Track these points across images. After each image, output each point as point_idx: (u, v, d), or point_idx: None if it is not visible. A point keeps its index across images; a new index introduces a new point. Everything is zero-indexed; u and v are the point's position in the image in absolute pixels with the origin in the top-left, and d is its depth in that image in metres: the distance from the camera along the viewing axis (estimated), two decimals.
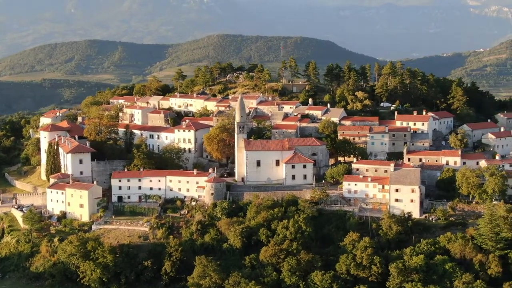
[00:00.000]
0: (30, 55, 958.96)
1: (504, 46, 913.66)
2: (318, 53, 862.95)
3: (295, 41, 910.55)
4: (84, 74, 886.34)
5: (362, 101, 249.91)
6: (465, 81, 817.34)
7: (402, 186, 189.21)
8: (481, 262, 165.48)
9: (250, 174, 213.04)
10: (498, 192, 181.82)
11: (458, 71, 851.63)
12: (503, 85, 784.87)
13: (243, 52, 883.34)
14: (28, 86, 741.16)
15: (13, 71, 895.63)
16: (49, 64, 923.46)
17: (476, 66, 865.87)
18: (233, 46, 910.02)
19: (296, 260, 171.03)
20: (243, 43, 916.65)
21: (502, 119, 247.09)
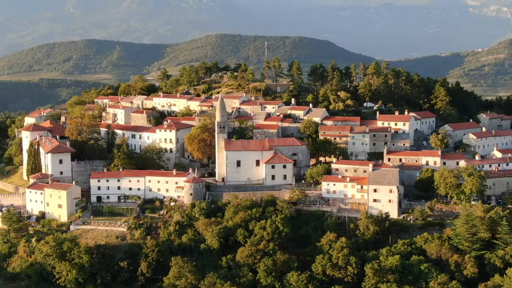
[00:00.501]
0: (28, 54, 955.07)
1: (502, 46, 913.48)
2: (316, 53, 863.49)
3: (293, 41, 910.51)
4: (82, 74, 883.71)
5: (344, 101, 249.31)
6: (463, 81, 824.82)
7: (380, 186, 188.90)
8: (457, 263, 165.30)
9: (230, 174, 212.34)
10: (476, 192, 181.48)
11: (456, 71, 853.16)
12: (501, 85, 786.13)
13: (241, 51, 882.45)
14: (25, 85, 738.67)
15: (11, 71, 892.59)
16: (47, 63, 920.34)
17: (474, 66, 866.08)
18: (231, 46, 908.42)
19: (272, 260, 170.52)
20: (241, 42, 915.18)
21: (485, 119, 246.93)
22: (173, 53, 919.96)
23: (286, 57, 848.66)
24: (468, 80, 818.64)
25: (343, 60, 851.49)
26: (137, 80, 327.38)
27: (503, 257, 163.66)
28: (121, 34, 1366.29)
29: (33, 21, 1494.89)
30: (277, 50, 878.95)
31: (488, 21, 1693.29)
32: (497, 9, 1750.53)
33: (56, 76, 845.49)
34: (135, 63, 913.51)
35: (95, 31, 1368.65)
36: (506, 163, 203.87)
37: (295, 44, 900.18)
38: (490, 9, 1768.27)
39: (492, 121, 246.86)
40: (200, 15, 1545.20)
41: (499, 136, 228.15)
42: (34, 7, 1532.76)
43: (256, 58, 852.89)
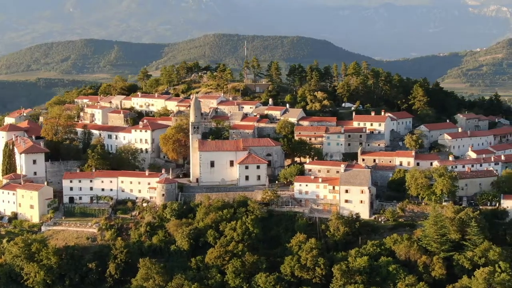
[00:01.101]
0: (26, 54, 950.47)
1: (500, 45, 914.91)
2: (314, 52, 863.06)
3: (291, 41, 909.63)
4: (80, 73, 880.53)
5: (321, 101, 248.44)
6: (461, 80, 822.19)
7: (351, 187, 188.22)
8: (425, 264, 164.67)
9: (204, 175, 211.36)
10: (447, 193, 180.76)
11: (455, 71, 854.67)
12: (499, 85, 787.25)
13: (239, 51, 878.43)
14: (23, 85, 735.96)
15: (9, 70, 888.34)
16: (45, 63, 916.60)
17: (473, 66, 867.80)
18: (229, 45, 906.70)
19: (240, 261, 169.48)
20: (239, 42, 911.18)
21: (462, 119, 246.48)
22: (171, 52, 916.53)
23: (284, 57, 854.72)
24: (466, 80, 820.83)
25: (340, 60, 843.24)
26: (117, 80, 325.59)
27: (472, 259, 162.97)
28: (120, 34, 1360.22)
29: (33, 21, 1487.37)
30: (275, 50, 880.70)
31: (488, 21, 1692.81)
32: (496, 9, 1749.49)
33: (54, 75, 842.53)
34: (133, 62, 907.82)
35: (94, 31, 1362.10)
36: (480, 164, 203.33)
37: (293, 44, 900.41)
38: (490, 9, 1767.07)
39: (469, 122, 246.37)
40: (200, 14, 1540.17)
41: (474, 137, 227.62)
42: (33, 7, 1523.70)
43: None
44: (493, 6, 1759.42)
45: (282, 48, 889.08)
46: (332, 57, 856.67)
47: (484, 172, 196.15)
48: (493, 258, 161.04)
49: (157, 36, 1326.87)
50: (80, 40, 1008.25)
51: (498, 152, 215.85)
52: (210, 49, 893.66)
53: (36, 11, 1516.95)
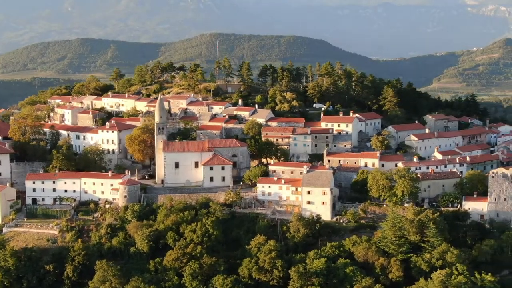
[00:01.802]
0: (23, 53, 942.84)
1: (497, 45, 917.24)
2: (310, 52, 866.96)
3: (288, 40, 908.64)
4: (77, 72, 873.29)
5: (290, 102, 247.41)
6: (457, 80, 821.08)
7: (313, 188, 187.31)
8: (382, 266, 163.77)
9: (169, 176, 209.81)
10: (407, 194, 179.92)
11: (451, 70, 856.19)
12: (495, 85, 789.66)
13: (236, 51, 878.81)
14: (18, 84, 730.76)
15: (5, 70, 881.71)
16: (42, 62, 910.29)
17: (469, 66, 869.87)
18: (225, 45, 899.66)
19: (198, 264, 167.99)
20: (236, 42, 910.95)
21: (431, 120, 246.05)
22: (168, 52, 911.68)
23: (281, 56, 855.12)
24: (462, 79, 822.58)
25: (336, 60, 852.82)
26: (90, 80, 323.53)
27: (429, 261, 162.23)
28: (118, 33, 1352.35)
29: (31, 20, 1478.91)
30: (271, 49, 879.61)
31: (486, 20, 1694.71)
32: (495, 9, 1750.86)
33: (50, 75, 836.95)
34: (129, 62, 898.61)
35: (92, 30, 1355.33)
36: (445, 165, 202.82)
37: (290, 44, 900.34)
38: (488, 9, 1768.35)
39: (438, 123, 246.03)
40: (198, 14, 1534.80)
41: (442, 138, 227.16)
42: (32, 6, 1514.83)
43: (250, 57, 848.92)
44: (491, 5, 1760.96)
45: (279, 48, 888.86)
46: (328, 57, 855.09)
47: (447, 174, 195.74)
48: (451, 260, 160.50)
49: (155, 36, 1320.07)
50: (76, 40, 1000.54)
51: (465, 153, 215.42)
52: (207, 48, 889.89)
53: (34, 11, 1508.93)
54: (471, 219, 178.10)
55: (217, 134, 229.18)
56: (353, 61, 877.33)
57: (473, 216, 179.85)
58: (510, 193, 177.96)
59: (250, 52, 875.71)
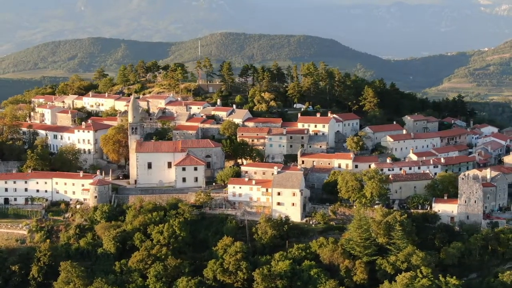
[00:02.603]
0: (33, 52, 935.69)
1: (508, 45, 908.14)
2: (321, 51, 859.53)
3: (298, 40, 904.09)
4: (87, 71, 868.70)
5: (268, 102, 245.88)
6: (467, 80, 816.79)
7: (283, 190, 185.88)
8: (347, 268, 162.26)
9: (141, 177, 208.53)
10: (376, 196, 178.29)
11: (461, 70, 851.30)
12: (506, 85, 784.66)
13: (246, 50, 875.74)
14: (27, 83, 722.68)
15: (16, 69, 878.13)
16: (52, 61, 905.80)
17: (480, 66, 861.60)
18: (235, 44, 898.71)
19: (162, 265, 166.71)
20: (246, 41, 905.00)
21: (409, 121, 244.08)
22: (178, 51, 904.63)
23: (291, 56, 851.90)
24: (473, 79, 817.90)
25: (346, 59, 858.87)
26: (74, 80, 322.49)
27: (394, 263, 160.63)
28: (131, 32, 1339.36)
29: (44, 19, 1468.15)
30: (281, 49, 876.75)
31: (500, 20, 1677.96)
32: (508, 8, 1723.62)
33: (60, 74, 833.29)
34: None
35: (105, 29, 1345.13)
36: (418, 167, 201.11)
37: (300, 43, 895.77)
38: (502, 8, 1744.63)
39: (417, 124, 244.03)
40: (210, 13, 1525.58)
41: (418, 139, 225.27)
42: (45, 5, 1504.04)
43: (260, 57, 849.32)
44: (505, 5, 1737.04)
45: (289, 47, 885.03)
46: (338, 56, 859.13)
47: (419, 175, 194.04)
48: (416, 263, 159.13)
49: (168, 35, 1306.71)
50: (87, 39, 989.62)
51: (441, 155, 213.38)
52: (217, 47, 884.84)
53: (47, 10, 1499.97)
54: (441, 222, 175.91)
55: (193, 134, 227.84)
56: (363, 61, 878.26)
57: (443, 218, 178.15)
58: (480, 195, 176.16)
59: (260, 52, 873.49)
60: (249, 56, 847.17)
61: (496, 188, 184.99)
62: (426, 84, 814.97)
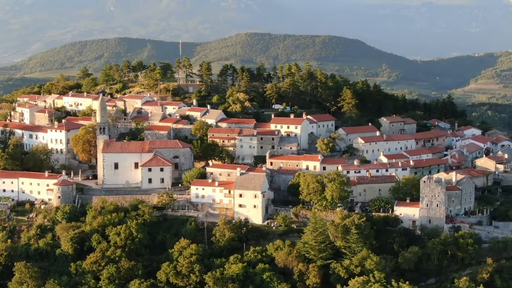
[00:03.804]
0: (60, 52, 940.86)
1: None
2: (345, 52, 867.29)
3: (323, 40, 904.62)
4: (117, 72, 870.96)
5: (243, 102, 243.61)
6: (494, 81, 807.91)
7: (245, 191, 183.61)
8: (301, 272, 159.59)
9: (108, 177, 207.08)
10: (336, 198, 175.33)
11: (488, 71, 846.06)
12: None
13: (271, 50, 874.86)
14: None
15: (43, 68, 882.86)
16: (79, 61, 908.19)
17: (507, 67, 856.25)
18: (260, 44, 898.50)
19: (116, 267, 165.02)
20: (271, 41, 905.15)
21: (385, 123, 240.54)
22: (203, 51, 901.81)
23: (315, 56, 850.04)
24: (500, 80, 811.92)
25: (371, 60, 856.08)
26: (58, 79, 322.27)
27: (348, 267, 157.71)
28: (160, 32, 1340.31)
29: (74, 19, 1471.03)
30: (306, 49, 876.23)
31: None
32: None
33: None
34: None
35: (134, 29, 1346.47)
36: (386, 169, 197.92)
37: (325, 43, 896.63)
38: None
39: (393, 125, 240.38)
40: (239, 13, 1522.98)
41: (391, 141, 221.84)
42: (75, 5, 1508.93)
43: (285, 57, 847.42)
44: None
45: (314, 48, 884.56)
46: (362, 56, 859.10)
47: (384, 178, 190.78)
48: (370, 267, 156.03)
49: (196, 35, 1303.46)
50: (114, 39, 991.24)
51: (413, 157, 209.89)
52: (242, 48, 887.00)
53: (77, 10, 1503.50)
54: (401, 225, 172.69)
55: (164, 134, 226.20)
56: (389, 61, 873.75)
57: (405, 222, 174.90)
58: (442, 199, 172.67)
59: (284, 52, 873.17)
60: (274, 57, 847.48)
61: (461, 191, 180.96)
62: (452, 85, 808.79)
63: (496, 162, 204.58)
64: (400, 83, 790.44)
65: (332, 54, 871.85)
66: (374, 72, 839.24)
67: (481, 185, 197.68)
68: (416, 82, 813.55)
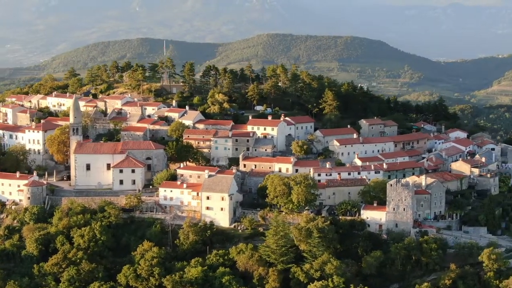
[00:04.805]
0: (84, 52, 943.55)
1: None
2: (368, 53, 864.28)
3: (345, 41, 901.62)
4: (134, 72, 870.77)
5: (222, 104, 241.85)
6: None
7: (212, 194, 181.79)
8: (260, 276, 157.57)
9: (80, 178, 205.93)
10: (303, 201, 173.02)
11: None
12: None
13: (292, 51, 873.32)
14: None
15: (66, 68, 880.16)
16: (102, 61, 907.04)
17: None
18: (282, 45, 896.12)
19: (76, 270, 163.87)
20: (293, 42, 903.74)
21: (365, 125, 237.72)
22: (225, 52, 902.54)
23: (337, 57, 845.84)
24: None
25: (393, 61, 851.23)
26: (47, 79, 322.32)
27: (308, 272, 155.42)
28: (184, 33, 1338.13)
29: (99, 20, 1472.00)
30: (327, 50, 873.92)
31: None
32: None
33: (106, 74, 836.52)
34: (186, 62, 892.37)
35: (159, 30, 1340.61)
36: (358, 172, 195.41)
37: (347, 44, 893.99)
38: None
39: (372, 128, 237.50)
40: (263, 14, 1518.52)
41: (368, 143, 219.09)
42: (100, 6, 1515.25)
43: (306, 58, 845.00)
44: None
45: (335, 49, 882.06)
46: (384, 57, 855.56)
47: (354, 181, 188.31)
48: (329, 272, 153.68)
49: (220, 36, 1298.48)
50: (136, 39, 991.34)
51: (388, 160, 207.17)
52: (263, 49, 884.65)
53: (103, 11, 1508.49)
54: (367, 229, 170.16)
55: (140, 135, 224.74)
56: (411, 62, 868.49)
57: (372, 226, 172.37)
58: (409, 203, 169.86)
59: (306, 53, 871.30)
60: (295, 58, 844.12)
61: (431, 195, 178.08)
62: (475, 86, 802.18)
63: (471, 166, 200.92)
64: (422, 85, 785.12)
65: (354, 55, 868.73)
66: (396, 73, 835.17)
67: (455, 189, 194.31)
68: (439, 84, 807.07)
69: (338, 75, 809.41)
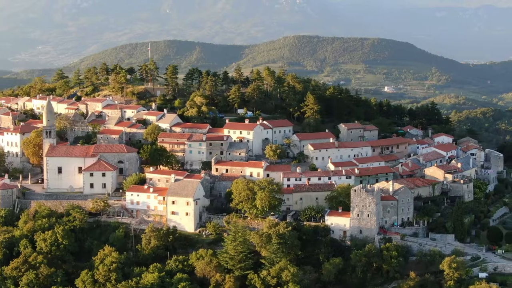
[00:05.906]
0: (111, 54, 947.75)
1: None
2: (394, 55, 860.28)
3: (371, 43, 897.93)
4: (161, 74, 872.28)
5: (200, 107, 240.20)
6: None
7: (177, 198, 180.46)
8: (217, 282, 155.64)
9: (51, 181, 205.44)
10: (267, 207, 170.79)
11: None
12: None
13: (318, 53, 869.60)
14: None
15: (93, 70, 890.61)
16: (128, 63, 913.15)
17: None
18: (308, 47, 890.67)
19: (35, 274, 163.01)
20: (319, 44, 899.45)
21: (343, 129, 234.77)
22: (251, 54, 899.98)
23: (364, 59, 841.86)
24: None
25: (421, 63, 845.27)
26: (36, 82, 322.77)
27: (265, 278, 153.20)
28: (214, 35, 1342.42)
29: (131, 21, 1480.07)
30: (354, 52, 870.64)
31: None
32: None
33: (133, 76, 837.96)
34: (213, 64, 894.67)
35: (188, 32, 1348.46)
36: (329, 177, 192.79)
37: (374, 46, 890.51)
38: None
39: (351, 132, 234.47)
40: (292, 16, 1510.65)
41: (344, 148, 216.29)
42: (132, 8, 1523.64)
43: (332, 60, 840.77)
44: None
45: (362, 51, 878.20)
46: (410, 59, 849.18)
47: (322, 186, 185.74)
48: (286, 278, 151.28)
49: (249, 38, 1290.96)
50: (163, 41, 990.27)
51: (362, 165, 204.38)
52: (289, 50, 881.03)
53: (134, 13, 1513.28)
54: (329, 236, 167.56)
55: (116, 138, 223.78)
56: (439, 65, 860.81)
57: (336, 232, 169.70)
58: (373, 209, 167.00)
59: (332, 55, 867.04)
60: (321, 59, 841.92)
61: (398, 202, 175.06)
62: (503, 89, 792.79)
63: (445, 172, 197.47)
64: (450, 87, 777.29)
65: (381, 57, 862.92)
66: (423, 75, 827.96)
67: (427, 195, 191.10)
68: (467, 86, 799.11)
69: (364, 77, 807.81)
